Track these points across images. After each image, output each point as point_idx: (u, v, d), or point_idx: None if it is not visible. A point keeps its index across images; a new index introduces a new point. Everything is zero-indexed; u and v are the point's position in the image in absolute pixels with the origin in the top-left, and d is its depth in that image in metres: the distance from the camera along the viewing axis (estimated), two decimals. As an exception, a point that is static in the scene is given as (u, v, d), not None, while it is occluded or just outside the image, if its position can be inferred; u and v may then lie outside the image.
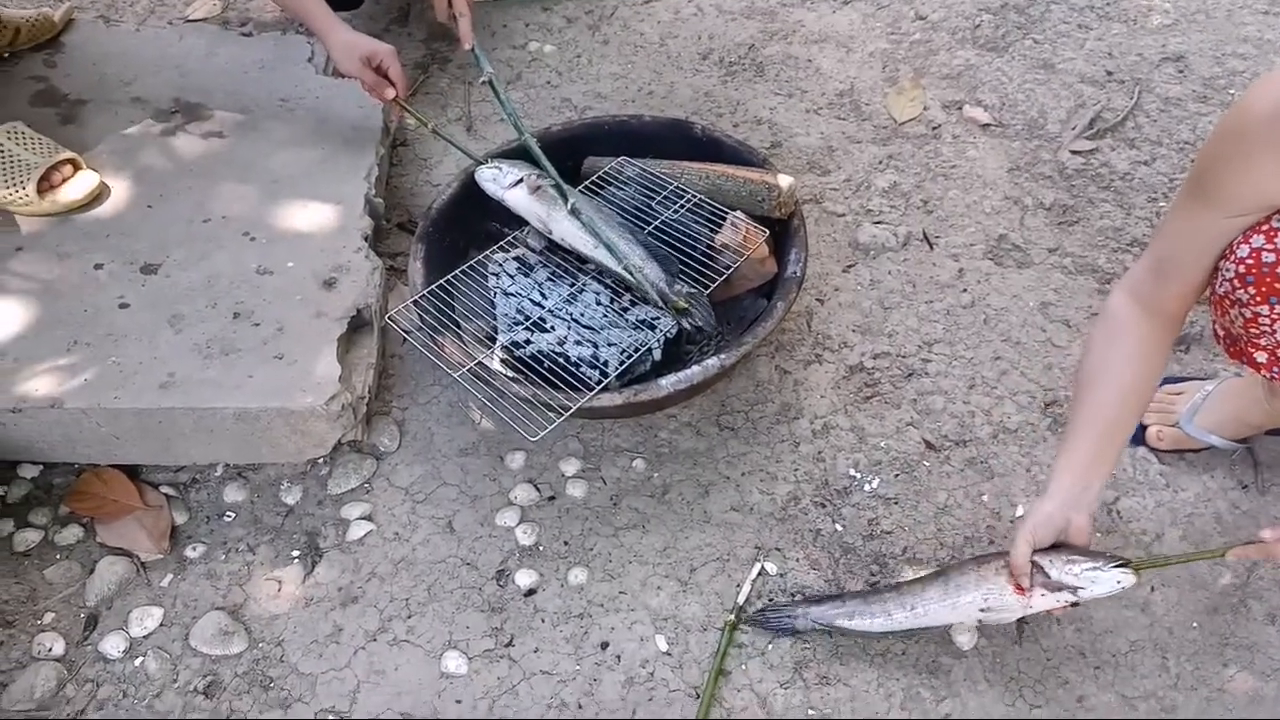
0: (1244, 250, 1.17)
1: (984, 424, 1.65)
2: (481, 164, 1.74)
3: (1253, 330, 1.20)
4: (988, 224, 1.93)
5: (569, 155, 1.82)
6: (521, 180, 1.69)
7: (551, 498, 1.59)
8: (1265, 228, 1.16)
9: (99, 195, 1.78)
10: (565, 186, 1.66)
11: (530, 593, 1.48)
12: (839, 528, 1.54)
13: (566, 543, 1.53)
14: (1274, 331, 1.18)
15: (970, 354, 1.74)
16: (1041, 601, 1.28)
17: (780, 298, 1.59)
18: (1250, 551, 1.19)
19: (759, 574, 1.49)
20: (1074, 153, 2.03)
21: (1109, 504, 1.54)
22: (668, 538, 1.53)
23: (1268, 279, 1.15)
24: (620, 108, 2.17)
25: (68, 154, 1.78)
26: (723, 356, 1.50)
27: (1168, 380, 1.64)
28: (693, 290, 1.60)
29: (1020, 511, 1.54)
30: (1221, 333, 1.29)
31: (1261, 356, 1.22)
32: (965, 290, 1.83)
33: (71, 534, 1.53)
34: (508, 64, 2.28)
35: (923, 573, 1.40)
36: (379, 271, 1.72)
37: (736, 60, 2.28)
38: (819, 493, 1.58)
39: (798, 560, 1.50)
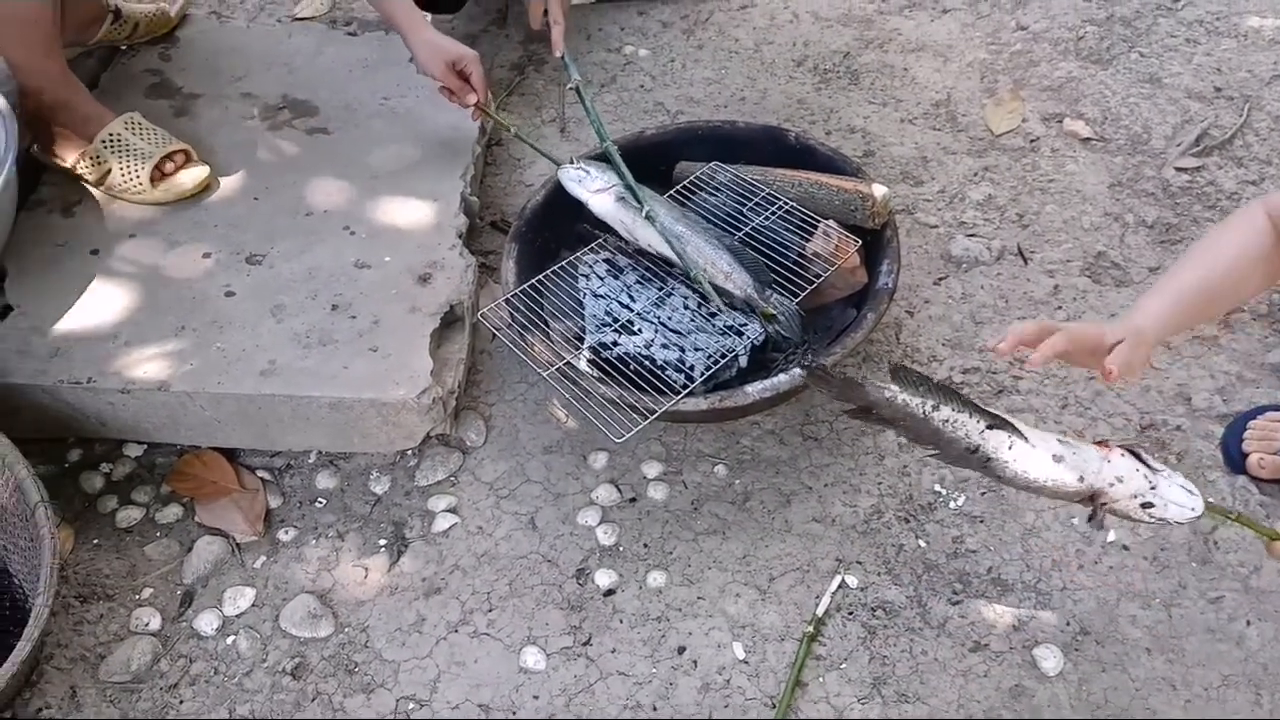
0: None
1: (1075, 445, 1.61)
2: (566, 164, 1.75)
3: None
4: (1086, 240, 1.89)
5: (662, 159, 1.83)
6: (607, 188, 1.70)
7: (633, 499, 1.60)
8: None
9: (208, 186, 1.84)
10: (642, 193, 1.67)
11: (609, 593, 1.49)
12: (922, 544, 1.52)
13: (646, 545, 1.54)
14: None
15: (1064, 373, 1.70)
16: (1118, 466, 1.11)
17: (871, 309, 1.58)
18: None
19: (839, 586, 1.48)
20: (1179, 169, 1.98)
21: (1206, 534, 1.50)
22: (747, 545, 1.53)
23: None
24: (713, 113, 2.18)
25: (180, 145, 1.84)
26: (810, 365, 1.50)
27: (1270, 408, 1.59)
28: (783, 298, 1.60)
29: (1112, 536, 1.51)
30: None
31: None
32: (1060, 307, 1.79)
33: (171, 513, 1.59)
34: (602, 67, 2.30)
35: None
36: (472, 269, 1.75)
37: (831, 68, 2.27)
38: (903, 507, 1.56)
39: (879, 575, 1.49)
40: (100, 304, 1.65)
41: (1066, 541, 1.51)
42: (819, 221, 1.67)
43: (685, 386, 1.50)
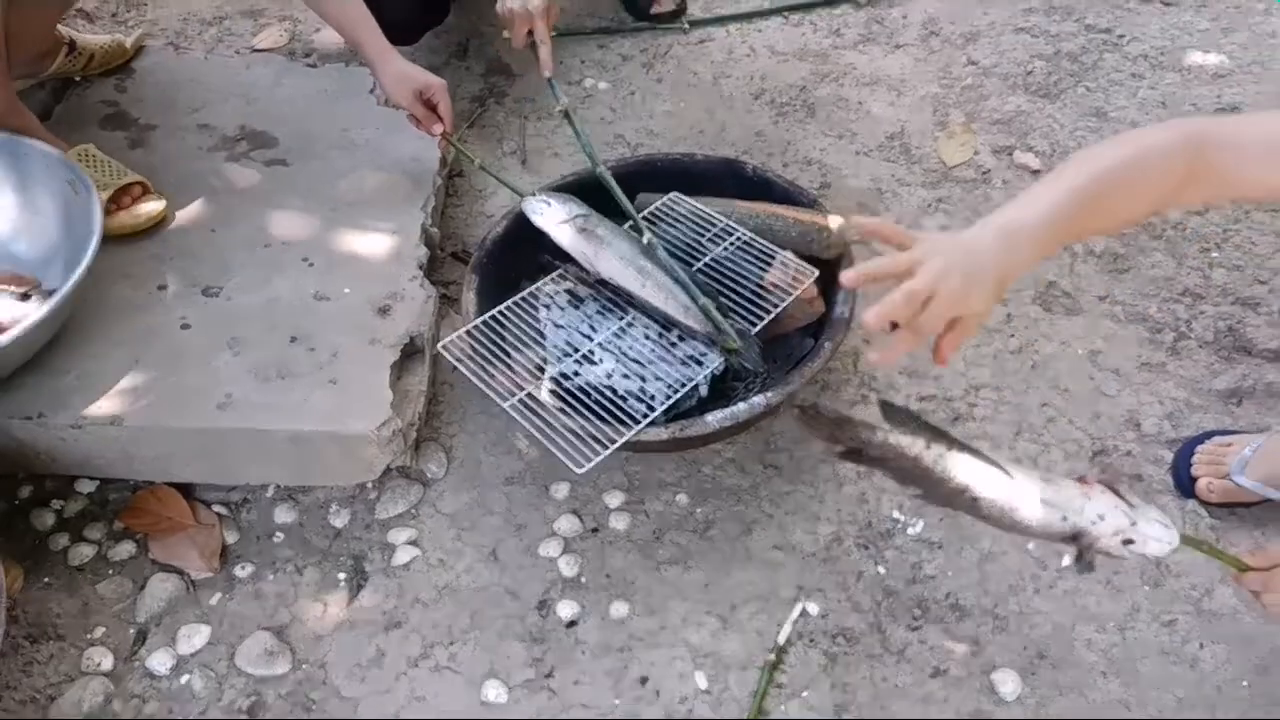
0: None
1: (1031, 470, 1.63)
2: (529, 196, 1.77)
3: None
4: (1037, 269, 1.93)
5: (622, 191, 1.84)
6: (569, 219, 1.71)
7: (595, 529, 1.60)
8: None
9: (164, 218, 1.82)
10: (642, 223, 1.69)
11: (572, 624, 1.49)
12: (881, 570, 1.54)
13: (609, 575, 1.54)
14: None
15: (1017, 400, 1.73)
16: (1098, 504, 1.10)
17: (828, 338, 1.59)
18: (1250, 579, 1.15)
19: (800, 614, 1.49)
20: (1126, 201, 2.02)
21: (1160, 559, 1.52)
22: (709, 574, 1.54)
23: None
24: (672, 145, 2.20)
25: (135, 177, 1.83)
26: (769, 394, 1.51)
27: (1218, 433, 1.63)
28: (742, 329, 1.61)
29: (1066, 562, 1.53)
30: None
31: None
32: (1013, 335, 1.83)
33: (125, 550, 1.56)
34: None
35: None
36: (433, 300, 1.75)
37: (788, 101, 2.30)
38: (862, 534, 1.57)
39: (839, 602, 1.50)
40: (52, 338, 1.62)
41: (1023, 566, 1.53)
42: (777, 252, 1.69)
43: (646, 416, 1.51)
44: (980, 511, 1.11)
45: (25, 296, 1.63)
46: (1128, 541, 1.11)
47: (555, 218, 1.71)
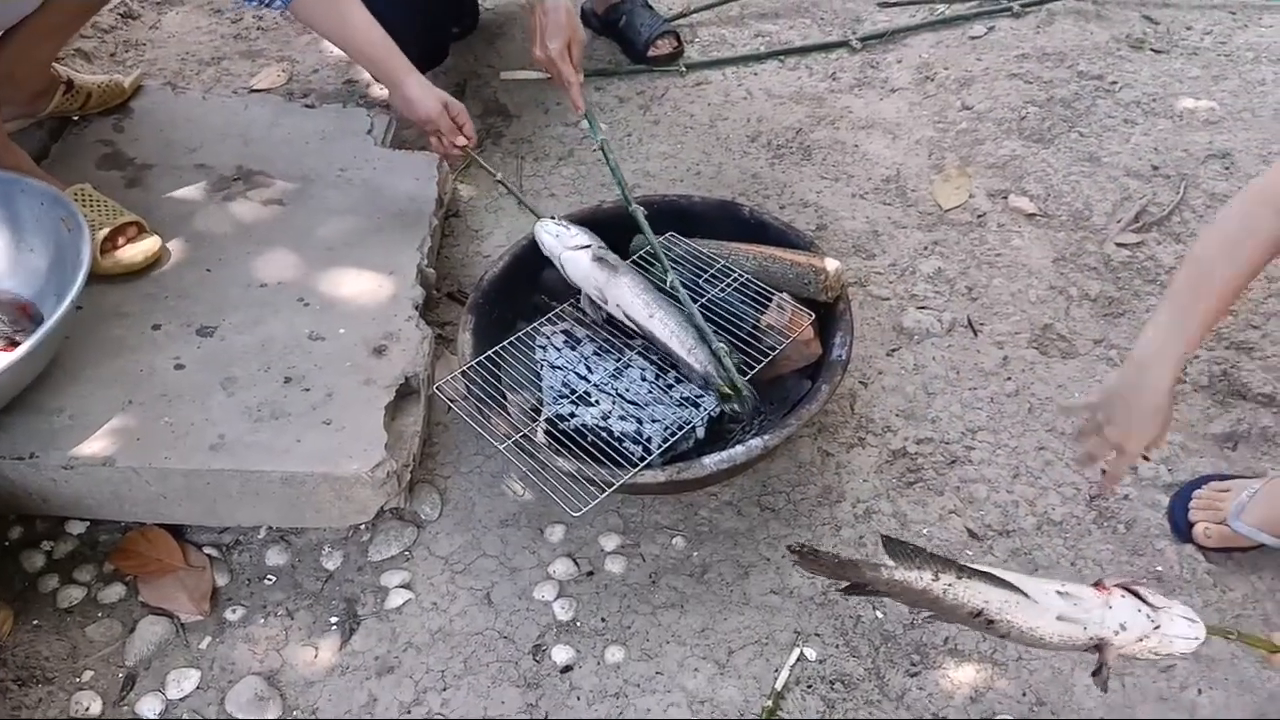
0: None
1: (1028, 515, 1.63)
2: (545, 218, 1.76)
3: None
4: (1033, 313, 1.93)
5: (619, 231, 1.85)
6: (586, 246, 1.71)
7: (590, 573, 1.58)
8: None
9: (160, 258, 1.82)
10: (667, 262, 1.70)
11: (566, 670, 1.47)
12: (879, 615, 1.52)
13: (604, 619, 1.53)
14: None
15: (1014, 443, 1.73)
16: (1120, 612, 1.10)
17: (825, 380, 1.59)
18: None
19: (798, 659, 1.47)
20: (1120, 245, 2.04)
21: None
22: (706, 618, 1.52)
23: None
24: (668, 187, 2.21)
25: (131, 217, 1.83)
26: (766, 437, 1.50)
27: (1214, 477, 1.62)
28: (741, 378, 1.60)
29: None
30: None
31: None
32: (1010, 378, 1.83)
33: (114, 592, 1.54)
34: (559, 140, 2.33)
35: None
36: (428, 340, 1.74)
37: (784, 143, 2.32)
38: (860, 579, 1.56)
39: (837, 647, 1.49)
40: (44, 377, 1.61)
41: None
42: (773, 294, 1.69)
43: (643, 458, 1.50)
44: (998, 632, 1.10)
45: (13, 344, 1.61)
46: (1153, 647, 1.11)
47: (571, 243, 1.71)
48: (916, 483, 1.68)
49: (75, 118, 2.13)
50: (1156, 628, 1.10)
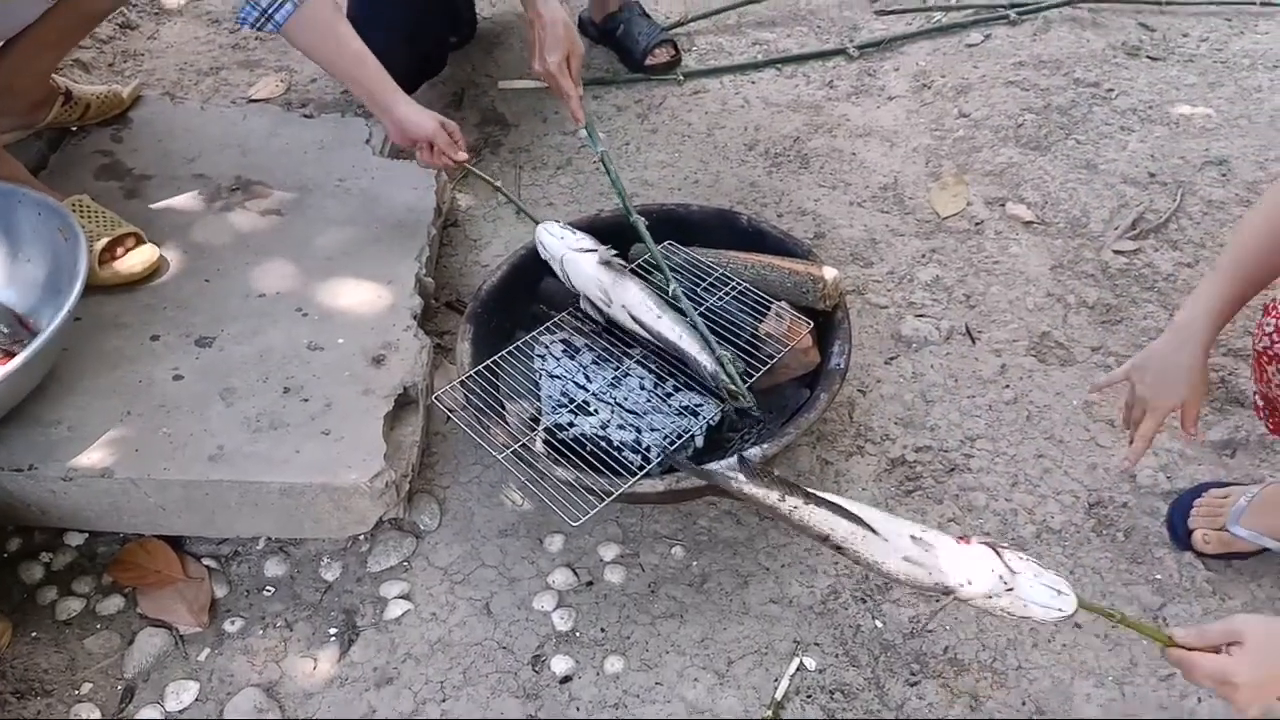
0: None
1: (1027, 523, 1.63)
2: (547, 221, 1.76)
3: None
4: (1030, 320, 1.93)
5: (617, 240, 1.84)
6: (591, 249, 1.71)
7: (589, 583, 1.58)
8: None
9: (159, 268, 1.82)
10: (668, 271, 1.71)
11: (566, 680, 1.47)
12: (879, 624, 1.52)
13: (603, 629, 1.52)
14: None
15: (1013, 451, 1.73)
16: (974, 562, 1.17)
17: (823, 389, 1.59)
18: (1176, 656, 1.11)
19: (797, 669, 1.47)
20: (1117, 252, 2.04)
21: (1156, 610, 1.51)
22: (705, 628, 1.52)
23: None
24: (667, 195, 2.21)
25: (129, 228, 1.83)
26: (765, 446, 1.50)
27: (1213, 485, 1.62)
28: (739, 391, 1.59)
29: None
30: (1262, 402, 1.28)
31: None
32: (1008, 386, 1.83)
33: (113, 604, 1.54)
34: (558, 150, 2.34)
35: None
36: (427, 350, 1.75)
37: (782, 152, 2.32)
38: (859, 587, 1.56)
39: (837, 656, 1.48)
40: (42, 389, 1.61)
41: (1020, 621, 1.51)
42: (771, 303, 1.69)
43: (642, 467, 1.50)
44: (848, 558, 1.24)
45: (10, 355, 1.60)
46: (1001, 603, 1.17)
47: (575, 245, 1.71)
48: (915, 491, 1.68)
49: (74, 128, 2.13)
50: (1009, 589, 1.16)
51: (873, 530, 1.21)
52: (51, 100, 2.05)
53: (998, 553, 1.18)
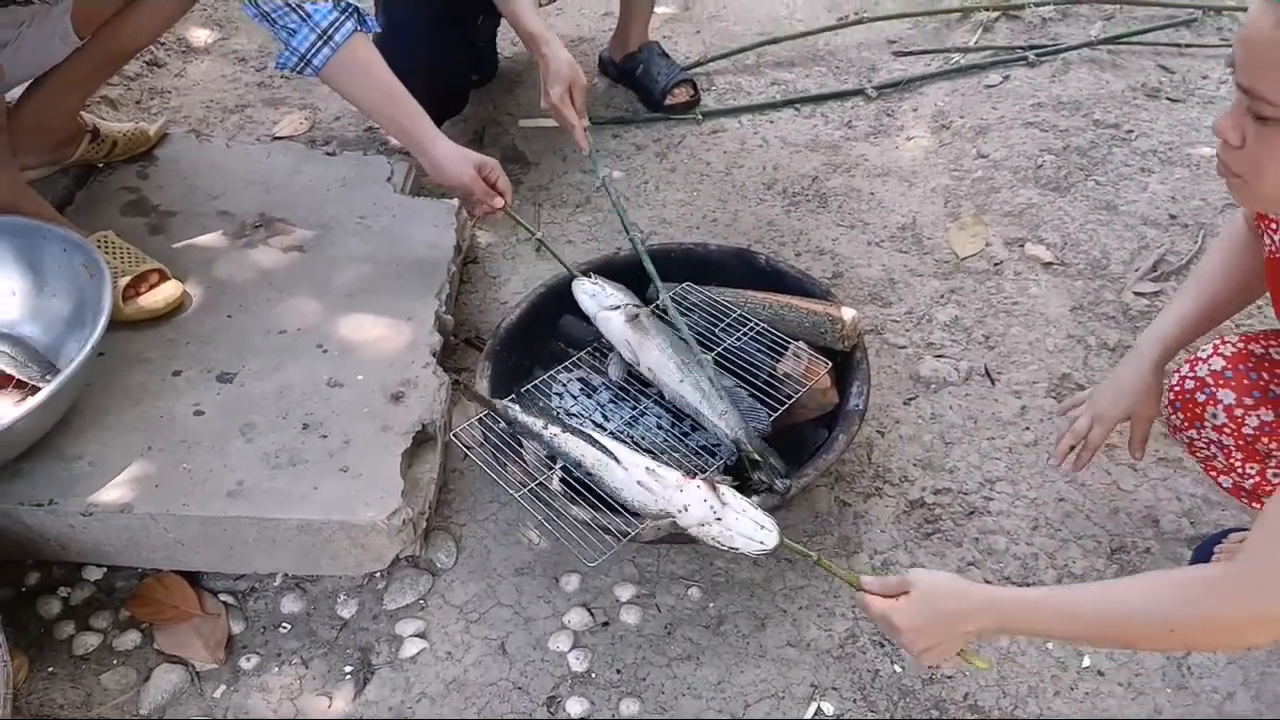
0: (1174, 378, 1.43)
1: (1048, 568, 1.61)
2: (581, 278, 1.77)
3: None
4: (1050, 362, 1.93)
5: (636, 280, 1.86)
6: (620, 306, 1.71)
7: (605, 623, 1.57)
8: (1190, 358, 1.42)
9: (182, 304, 1.84)
10: (678, 318, 1.72)
11: (581, 722, 1.46)
12: (898, 669, 1.50)
13: (619, 671, 1.51)
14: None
15: (1033, 494, 1.72)
16: (692, 493, 1.38)
17: (842, 430, 1.59)
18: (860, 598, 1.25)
19: (815, 714, 1.45)
20: (1138, 294, 2.03)
21: (1180, 659, 1.49)
22: (722, 671, 1.51)
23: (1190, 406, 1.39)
24: (685, 234, 2.22)
25: (153, 264, 1.85)
26: (783, 484, 1.50)
27: (1236, 530, 1.61)
28: (766, 443, 1.58)
29: (1087, 662, 1.50)
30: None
31: (1225, 481, 1.46)
32: (1028, 428, 1.82)
33: (130, 639, 1.54)
34: (577, 188, 2.35)
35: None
36: (445, 387, 1.75)
37: (800, 191, 2.33)
38: (878, 631, 1.55)
39: (855, 701, 1.47)
40: (65, 423, 1.62)
41: (1042, 667, 1.50)
42: (789, 343, 1.69)
43: (659, 508, 1.50)
44: (598, 484, 1.49)
45: (34, 390, 1.62)
46: (711, 532, 1.36)
47: (606, 303, 1.72)
48: (935, 534, 1.67)
49: (100, 165, 2.16)
50: (719, 519, 1.35)
51: (616, 459, 1.47)
52: (79, 137, 2.08)
53: (714, 489, 1.37)
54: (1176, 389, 1.42)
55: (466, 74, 2.48)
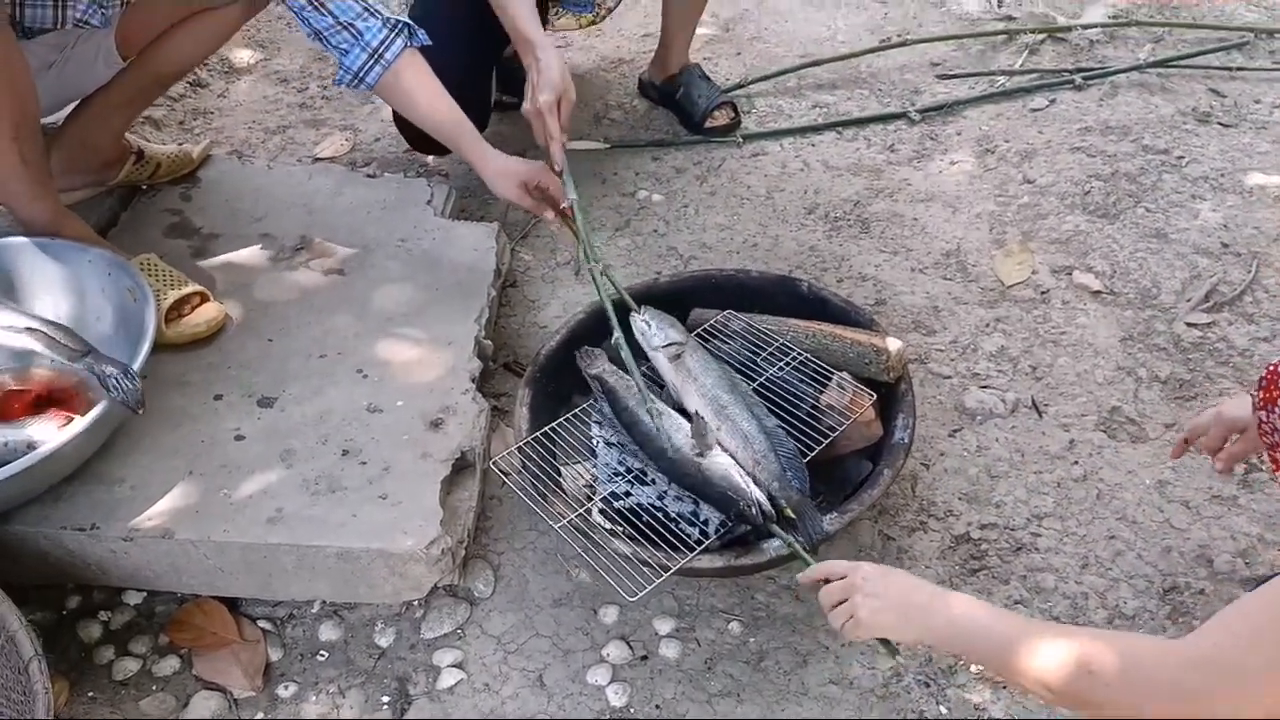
0: None
1: (1098, 608, 1.57)
2: (634, 314, 1.74)
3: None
4: (1100, 394, 1.89)
5: (676, 306, 1.84)
6: (665, 345, 1.69)
7: (644, 657, 1.55)
8: None
9: (223, 327, 1.84)
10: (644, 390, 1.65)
11: (619, 759, 1.44)
12: (944, 709, 1.47)
13: (658, 706, 1.49)
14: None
15: (1083, 531, 1.68)
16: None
17: (887, 464, 1.56)
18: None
19: (858, 756, 1.43)
20: (1190, 325, 1.99)
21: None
22: (763, 708, 1.48)
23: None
24: (725, 259, 2.20)
25: (196, 287, 1.85)
26: (827, 518, 1.47)
27: (1296, 571, 1.56)
28: (806, 498, 1.53)
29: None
30: None
31: None
32: (1077, 463, 1.78)
33: (169, 665, 1.54)
34: (616, 211, 2.34)
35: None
36: (484, 414, 1.74)
37: (842, 216, 2.31)
38: (923, 670, 1.51)
39: (900, 743, 1.44)
40: (108, 446, 1.62)
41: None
42: (833, 373, 1.66)
43: (699, 540, 1.48)
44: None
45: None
46: None
47: (654, 342, 1.69)
48: (981, 570, 1.63)
49: (144, 186, 2.17)
50: None
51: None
52: (123, 159, 2.09)
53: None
54: (1273, 367, 1.35)
55: (487, 94, 2.41)
